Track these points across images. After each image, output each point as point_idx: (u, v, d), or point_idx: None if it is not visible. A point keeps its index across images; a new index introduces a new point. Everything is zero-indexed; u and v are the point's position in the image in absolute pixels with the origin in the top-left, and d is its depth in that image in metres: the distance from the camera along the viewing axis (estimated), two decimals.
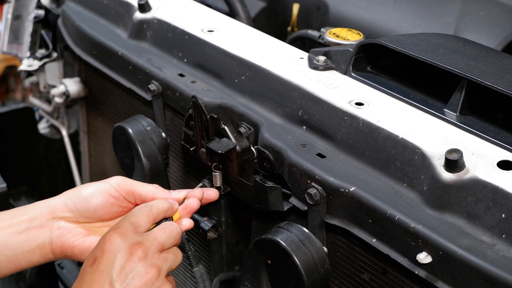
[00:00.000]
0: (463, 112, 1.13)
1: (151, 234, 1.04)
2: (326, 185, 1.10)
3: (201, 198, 1.17)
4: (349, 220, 1.09)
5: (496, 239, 0.96)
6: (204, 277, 1.38)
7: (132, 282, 0.99)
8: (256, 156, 1.23)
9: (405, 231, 1.00)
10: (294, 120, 1.25)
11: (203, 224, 1.35)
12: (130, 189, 1.16)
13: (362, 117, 1.15)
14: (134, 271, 1.00)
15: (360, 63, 1.27)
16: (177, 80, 1.40)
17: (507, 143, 1.05)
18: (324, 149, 1.18)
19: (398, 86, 1.23)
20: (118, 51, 1.53)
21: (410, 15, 1.70)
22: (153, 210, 1.08)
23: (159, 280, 1.01)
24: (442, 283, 0.97)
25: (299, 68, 1.30)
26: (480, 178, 0.99)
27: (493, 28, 1.60)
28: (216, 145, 1.22)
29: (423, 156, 1.05)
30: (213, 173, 1.26)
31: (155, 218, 1.08)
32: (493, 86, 1.07)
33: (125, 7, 1.61)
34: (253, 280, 1.17)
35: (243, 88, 1.34)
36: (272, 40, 1.43)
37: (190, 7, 1.59)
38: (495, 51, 1.24)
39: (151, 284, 1.00)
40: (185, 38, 1.46)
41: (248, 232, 1.37)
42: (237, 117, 1.29)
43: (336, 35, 1.39)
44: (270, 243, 1.12)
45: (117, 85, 1.53)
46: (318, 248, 1.12)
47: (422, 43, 1.23)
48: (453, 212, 1.01)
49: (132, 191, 1.16)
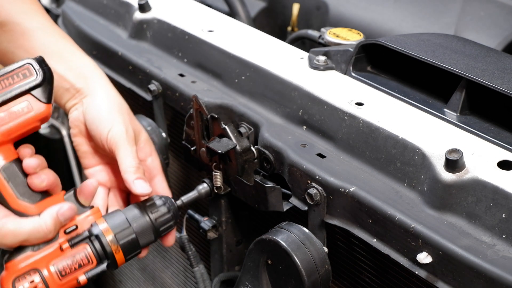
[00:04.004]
0: (463, 112, 1.13)
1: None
2: (326, 185, 1.10)
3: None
4: (349, 220, 1.09)
5: (497, 239, 0.96)
6: (204, 277, 1.38)
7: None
8: (256, 156, 1.23)
9: (405, 231, 1.00)
10: (294, 120, 1.25)
11: (203, 224, 1.35)
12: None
13: (362, 117, 1.15)
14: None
15: (360, 63, 1.27)
16: (177, 80, 1.40)
17: (507, 143, 1.05)
18: (324, 149, 1.18)
19: (398, 86, 1.23)
20: (118, 51, 1.53)
21: (410, 15, 1.70)
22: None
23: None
24: (442, 283, 0.97)
25: (299, 68, 1.30)
26: (480, 178, 0.99)
27: (493, 28, 1.60)
28: (216, 144, 1.22)
29: (423, 156, 1.05)
30: (214, 173, 1.26)
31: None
32: (493, 86, 1.07)
33: (125, 7, 1.61)
34: (253, 280, 1.17)
35: (243, 88, 1.34)
36: (272, 40, 1.43)
37: (190, 7, 1.59)
38: (495, 51, 1.24)
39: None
40: (185, 38, 1.46)
41: (248, 232, 1.37)
42: (237, 117, 1.29)
43: (336, 35, 1.39)
44: (270, 243, 1.12)
45: (117, 85, 1.52)
46: (318, 248, 1.12)
47: (422, 43, 1.23)
48: (453, 212, 1.01)
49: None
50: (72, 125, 1.30)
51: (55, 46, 1.30)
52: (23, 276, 1.09)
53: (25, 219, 1.10)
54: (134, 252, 1.18)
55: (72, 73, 1.29)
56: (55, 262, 1.11)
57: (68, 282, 1.12)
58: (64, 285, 1.12)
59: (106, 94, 1.29)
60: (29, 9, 1.31)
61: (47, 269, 1.11)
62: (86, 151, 1.30)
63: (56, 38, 1.31)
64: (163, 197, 1.22)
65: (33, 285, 1.09)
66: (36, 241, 1.10)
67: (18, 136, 1.14)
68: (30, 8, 1.31)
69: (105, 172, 1.31)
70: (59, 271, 1.11)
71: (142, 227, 1.17)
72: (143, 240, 1.18)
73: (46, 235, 1.10)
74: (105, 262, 1.14)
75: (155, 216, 1.19)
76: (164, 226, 1.20)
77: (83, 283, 1.12)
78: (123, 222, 1.17)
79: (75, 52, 1.32)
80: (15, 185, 1.12)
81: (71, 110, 1.30)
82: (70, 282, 1.12)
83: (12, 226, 1.08)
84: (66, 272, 1.11)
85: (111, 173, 1.31)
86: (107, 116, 1.25)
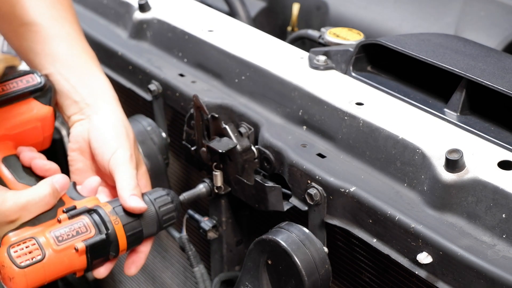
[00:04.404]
0: (463, 112, 1.13)
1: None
2: (327, 185, 1.10)
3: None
4: (350, 220, 1.09)
5: (497, 239, 0.96)
6: (204, 277, 1.38)
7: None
8: (256, 156, 1.23)
9: (405, 231, 1.00)
10: (294, 120, 1.25)
11: (203, 224, 1.35)
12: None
13: (362, 117, 1.14)
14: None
15: (360, 63, 1.27)
16: (177, 80, 1.40)
17: (507, 143, 1.05)
18: (324, 149, 1.18)
19: (398, 86, 1.23)
20: (118, 51, 1.53)
21: (411, 15, 1.70)
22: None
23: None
24: (442, 283, 0.97)
25: (299, 68, 1.30)
26: (481, 178, 0.99)
27: (494, 28, 1.60)
28: (216, 144, 1.22)
29: (423, 156, 1.05)
30: (214, 172, 1.26)
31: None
32: (494, 86, 1.07)
33: (125, 7, 1.61)
34: (253, 280, 1.17)
35: (243, 88, 1.34)
36: (272, 40, 1.43)
37: (190, 7, 1.59)
38: (495, 51, 1.24)
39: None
40: (185, 38, 1.46)
41: (248, 232, 1.37)
42: (237, 117, 1.29)
43: (336, 35, 1.39)
44: (270, 243, 1.12)
45: (117, 85, 1.53)
46: (318, 248, 1.12)
47: (423, 43, 1.23)
48: (454, 212, 1.01)
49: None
50: (73, 140, 1.28)
51: (76, 58, 1.30)
52: (18, 243, 1.08)
53: (24, 190, 1.13)
54: (135, 230, 1.15)
55: (85, 88, 1.28)
56: (52, 230, 1.10)
57: (65, 249, 1.09)
58: (61, 252, 1.09)
59: (116, 116, 1.27)
60: (60, 17, 1.31)
61: (44, 236, 1.09)
62: (80, 168, 1.27)
63: (79, 51, 1.31)
64: (166, 189, 1.22)
65: (28, 249, 1.07)
66: (35, 208, 1.11)
67: (20, 134, 1.20)
68: (61, 16, 1.31)
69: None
70: (56, 237, 1.09)
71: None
72: (144, 220, 1.16)
73: (44, 200, 1.11)
74: (104, 233, 1.12)
75: (158, 204, 1.18)
76: (167, 216, 1.20)
77: (82, 250, 1.09)
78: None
79: (93, 69, 1.31)
80: (14, 171, 1.17)
81: (75, 124, 1.28)
82: (67, 248, 1.09)
83: (11, 193, 1.11)
84: (63, 238, 1.09)
85: (102, 193, 1.27)
86: (114, 138, 1.23)
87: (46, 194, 1.12)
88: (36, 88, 1.22)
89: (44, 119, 1.23)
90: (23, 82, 1.22)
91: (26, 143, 1.22)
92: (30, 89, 1.21)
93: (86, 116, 1.26)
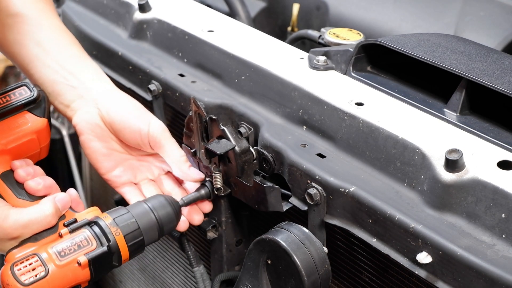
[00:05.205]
0: (463, 112, 1.13)
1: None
2: (326, 185, 1.10)
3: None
4: (349, 220, 1.09)
5: (496, 239, 0.96)
6: (204, 277, 1.38)
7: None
8: (255, 157, 1.23)
9: (405, 231, 1.00)
10: (294, 120, 1.25)
11: (203, 224, 1.35)
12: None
13: (362, 117, 1.15)
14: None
15: (360, 63, 1.27)
16: (177, 80, 1.40)
17: (507, 143, 1.05)
18: (324, 149, 1.18)
19: (398, 86, 1.23)
20: (118, 51, 1.53)
21: (410, 15, 1.70)
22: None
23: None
24: (442, 283, 0.97)
25: (299, 68, 1.30)
26: (480, 178, 0.99)
27: (493, 28, 1.60)
28: (215, 146, 1.22)
29: (423, 156, 1.05)
30: (213, 174, 1.26)
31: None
32: (493, 86, 1.07)
33: (125, 7, 1.61)
34: (253, 280, 1.17)
35: (243, 88, 1.34)
36: (272, 40, 1.43)
37: (190, 7, 1.59)
38: (495, 51, 1.24)
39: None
40: (185, 38, 1.46)
41: (248, 232, 1.37)
42: (237, 117, 1.29)
43: (336, 35, 1.39)
44: (270, 243, 1.12)
45: (117, 85, 1.52)
46: (318, 248, 1.12)
47: (422, 43, 1.23)
48: (453, 212, 1.01)
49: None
50: (86, 130, 1.26)
51: (68, 47, 1.31)
52: (21, 261, 1.08)
53: (26, 208, 1.13)
54: (137, 239, 1.15)
55: (82, 73, 1.28)
56: (54, 245, 1.11)
57: (68, 264, 1.09)
58: (64, 267, 1.09)
59: (123, 93, 1.29)
60: (45, 9, 1.32)
61: (46, 252, 1.09)
62: (105, 153, 1.27)
63: (69, 41, 1.32)
64: (165, 195, 1.22)
65: (32, 266, 1.08)
66: (36, 226, 1.11)
67: (16, 148, 1.20)
68: (46, 9, 1.32)
69: (129, 170, 1.29)
70: (58, 252, 1.10)
71: (142, 213, 1.17)
72: (145, 229, 1.16)
73: (46, 219, 1.11)
74: (105, 245, 1.13)
75: (158, 211, 1.18)
76: (168, 223, 1.19)
77: (84, 264, 1.09)
78: (122, 209, 1.17)
79: (85, 56, 1.32)
80: (13, 186, 1.16)
81: (79, 113, 1.27)
82: (70, 263, 1.10)
83: (14, 211, 1.11)
84: (66, 253, 1.10)
85: (136, 168, 1.30)
86: (140, 113, 1.25)
87: (48, 214, 1.11)
88: (29, 100, 1.21)
89: (39, 131, 1.22)
90: (16, 95, 1.21)
91: (23, 155, 1.22)
92: (23, 102, 1.21)
93: (90, 101, 1.26)
